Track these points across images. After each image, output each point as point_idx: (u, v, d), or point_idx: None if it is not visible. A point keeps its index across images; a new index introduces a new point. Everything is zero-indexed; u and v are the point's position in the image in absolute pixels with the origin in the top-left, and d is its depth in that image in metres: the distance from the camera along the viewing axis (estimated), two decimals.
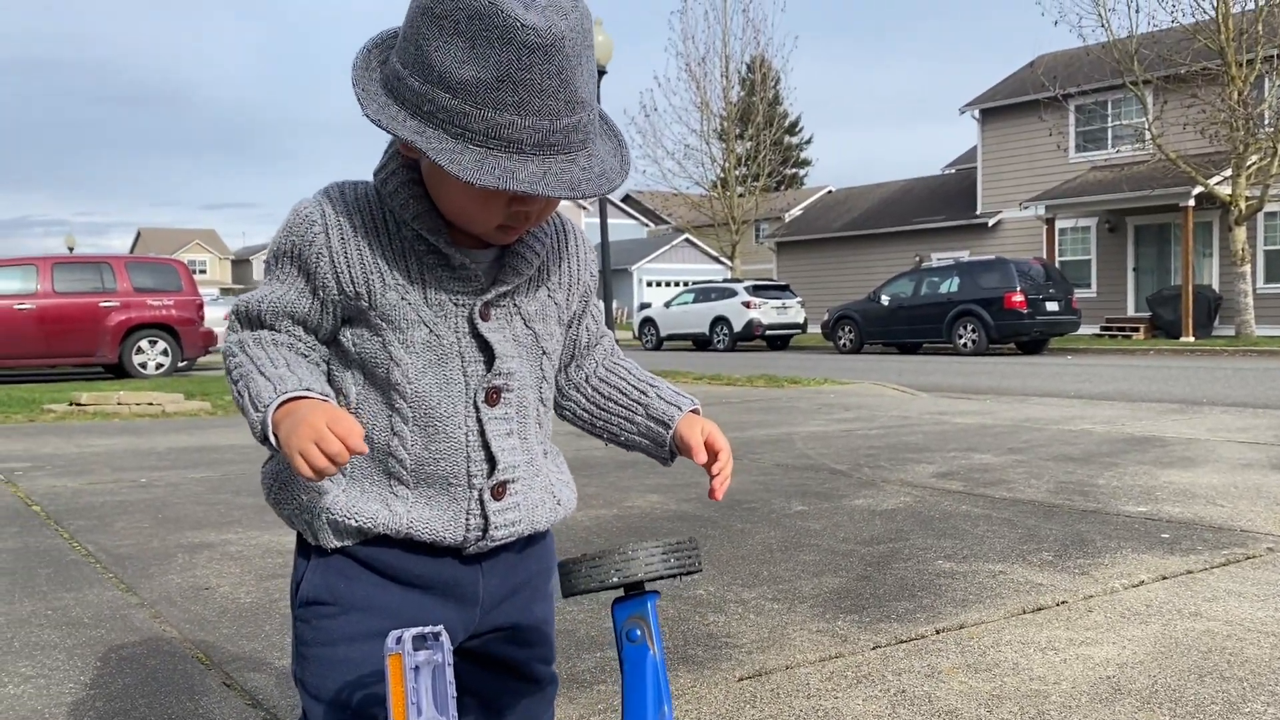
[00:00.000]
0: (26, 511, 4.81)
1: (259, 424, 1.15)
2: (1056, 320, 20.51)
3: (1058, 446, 6.64)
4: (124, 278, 15.63)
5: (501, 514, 1.28)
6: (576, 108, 1.14)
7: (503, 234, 1.24)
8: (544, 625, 1.39)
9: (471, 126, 1.11)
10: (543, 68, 1.10)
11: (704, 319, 26.17)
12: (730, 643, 2.80)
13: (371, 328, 1.24)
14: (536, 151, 1.13)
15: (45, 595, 3.36)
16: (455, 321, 1.25)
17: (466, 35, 1.09)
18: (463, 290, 1.25)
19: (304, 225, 1.23)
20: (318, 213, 1.23)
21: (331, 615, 1.26)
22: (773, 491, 5.11)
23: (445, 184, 1.19)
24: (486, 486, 1.27)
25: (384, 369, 1.24)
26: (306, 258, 1.23)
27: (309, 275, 1.23)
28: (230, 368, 1.24)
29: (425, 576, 1.28)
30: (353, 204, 1.24)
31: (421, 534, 1.25)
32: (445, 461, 1.26)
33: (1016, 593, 3.24)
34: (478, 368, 1.26)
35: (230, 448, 7.17)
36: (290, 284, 1.24)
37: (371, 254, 1.23)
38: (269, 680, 2.56)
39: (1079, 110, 27.05)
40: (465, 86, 1.11)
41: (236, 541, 4.12)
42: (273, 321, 1.25)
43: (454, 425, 1.25)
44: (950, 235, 30.48)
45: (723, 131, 33.41)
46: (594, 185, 1.16)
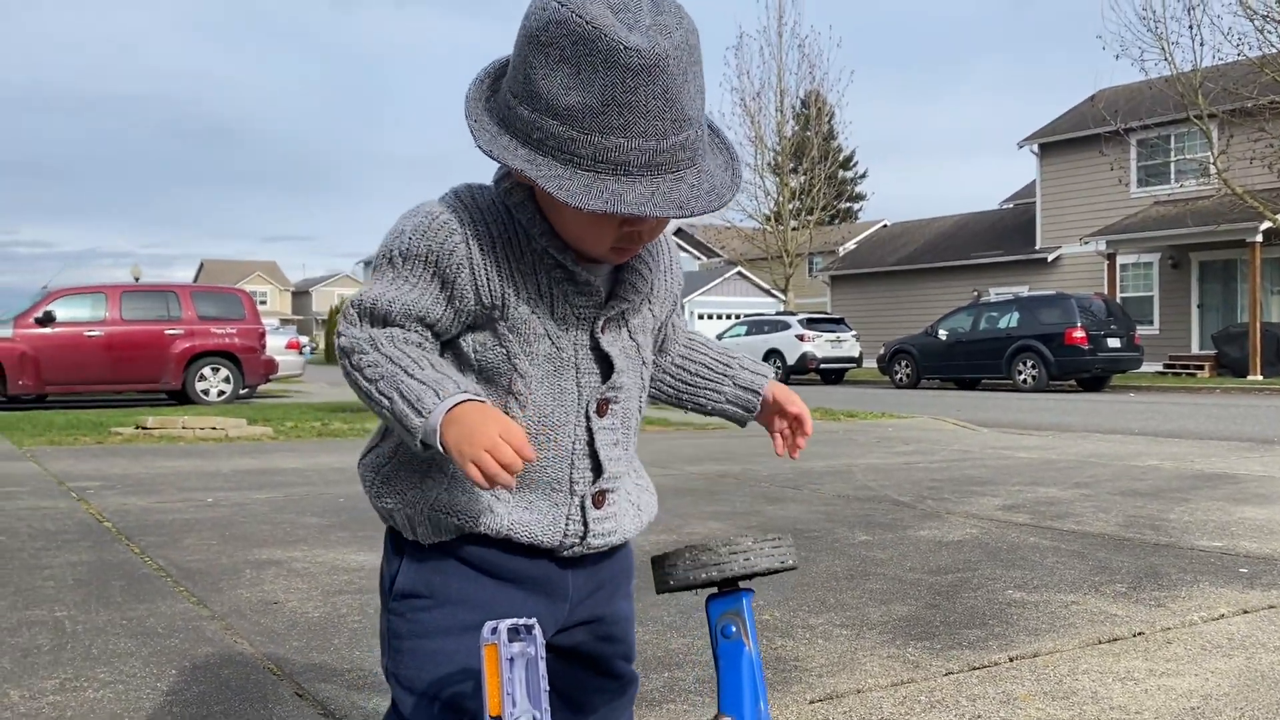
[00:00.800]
0: (99, 528, 4.90)
1: (422, 429, 1.13)
2: (1118, 357, 20.15)
3: (1125, 481, 6.50)
4: (189, 306, 15.98)
5: (600, 522, 1.31)
6: (683, 125, 1.14)
7: (617, 255, 1.25)
8: (626, 622, 1.40)
9: (579, 152, 1.12)
10: (647, 89, 1.10)
11: (757, 352, 26.02)
12: (800, 666, 2.76)
13: (497, 337, 1.24)
14: (644, 172, 1.12)
15: (120, 606, 3.42)
16: (575, 335, 1.27)
17: (572, 61, 1.10)
18: (585, 305, 1.27)
19: (442, 232, 1.21)
20: (456, 221, 1.22)
21: (426, 608, 1.27)
22: (835, 521, 5.06)
23: (559, 208, 1.20)
24: (589, 494, 1.29)
25: (505, 378, 1.24)
26: (445, 266, 1.21)
27: (445, 283, 1.22)
28: (361, 365, 1.19)
29: (519, 573, 1.29)
30: (488, 214, 1.23)
31: (520, 537, 1.26)
32: (551, 469, 1.27)
33: (1091, 623, 3.17)
34: (592, 379, 1.28)
35: (293, 470, 7.27)
36: (423, 289, 1.22)
37: (509, 267, 1.22)
38: (340, 691, 2.58)
39: (1141, 144, 26.71)
40: (571, 113, 1.11)
41: (302, 559, 4.17)
42: (402, 322, 1.22)
43: (564, 434, 1.27)
44: (1008, 270, 30.15)
45: (777, 166, 33.43)
46: (703, 202, 1.15)
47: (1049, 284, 27.96)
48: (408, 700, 1.27)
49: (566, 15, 1.09)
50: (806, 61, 35.74)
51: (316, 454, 8.43)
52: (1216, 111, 22.75)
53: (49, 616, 3.27)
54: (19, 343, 14.72)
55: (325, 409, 13.80)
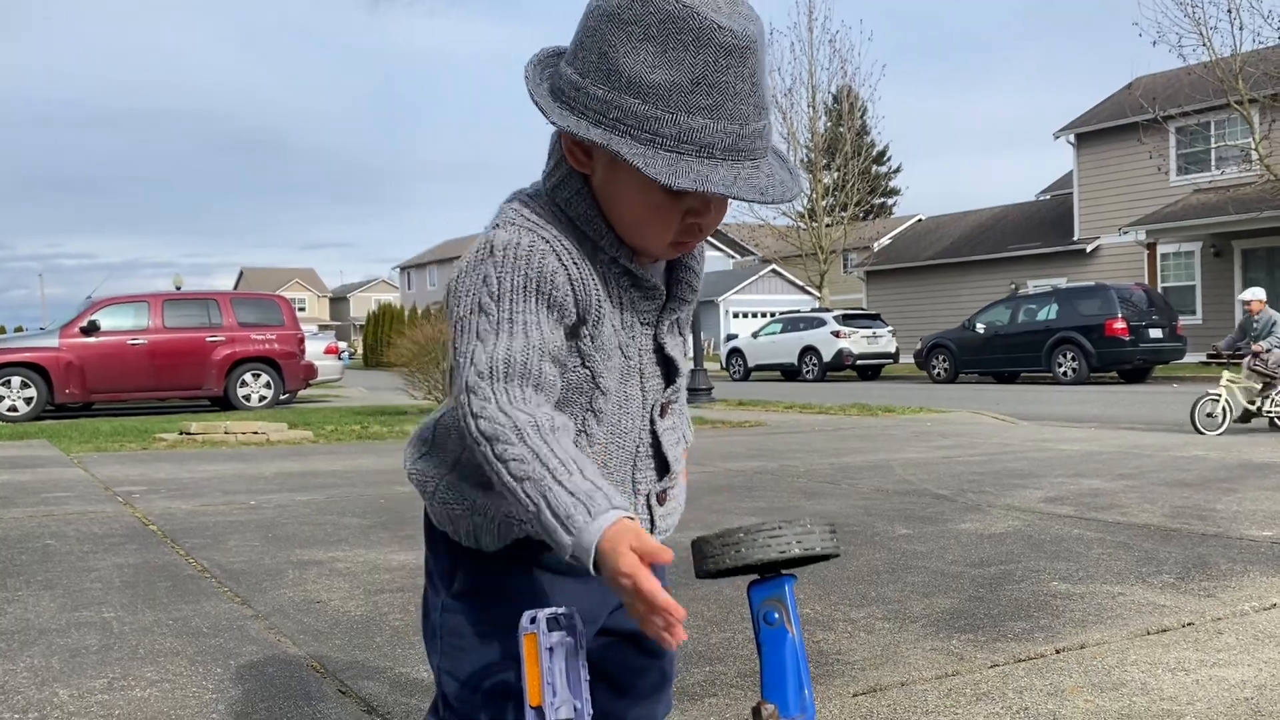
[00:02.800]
0: (144, 530, 4.97)
1: (571, 547, 1.06)
2: (1160, 348, 19.83)
3: (1170, 472, 6.40)
4: (229, 313, 16.17)
5: (664, 518, 1.31)
6: (763, 113, 1.13)
7: (674, 249, 1.21)
8: None
9: (663, 131, 1.08)
10: (738, 70, 1.08)
11: (792, 349, 25.94)
12: (842, 659, 2.74)
13: (582, 356, 1.19)
14: (726, 156, 1.10)
15: (165, 606, 3.46)
16: (641, 341, 1.24)
17: (658, 40, 1.07)
18: (649, 310, 1.24)
19: (534, 255, 1.14)
20: (541, 241, 1.15)
21: (485, 606, 1.26)
22: (874, 515, 5.02)
23: (622, 197, 1.16)
24: (654, 491, 1.29)
25: (587, 397, 1.21)
26: (549, 290, 1.14)
27: (553, 307, 1.15)
28: (505, 457, 1.09)
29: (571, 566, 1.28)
30: (555, 224, 1.18)
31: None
32: (618, 474, 1.26)
33: (1139, 613, 3.12)
34: (656, 383, 1.27)
35: (333, 473, 7.33)
36: (539, 321, 1.14)
37: (594, 281, 1.18)
38: (382, 688, 2.59)
39: (1180, 132, 26.27)
40: (657, 90, 1.08)
41: (344, 559, 4.20)
42: (539, 367, 1.14)
43: (630, 439, 1.26)
44: (1046, 262, 29.78)
45: (810, 162, 33.26)
46: (779, 191, 1.13)
47: (1088, 275, 27.58)
48: (463, 694, 1.25)
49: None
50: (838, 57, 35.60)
51: (357, 456, 8.49)
52: (1258, 96, 22.31)
53: (97, 617, 3.32)
54: (65, 352, 14.96)
55: (365, 412, 13.91)
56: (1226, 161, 25.26)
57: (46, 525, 5.12)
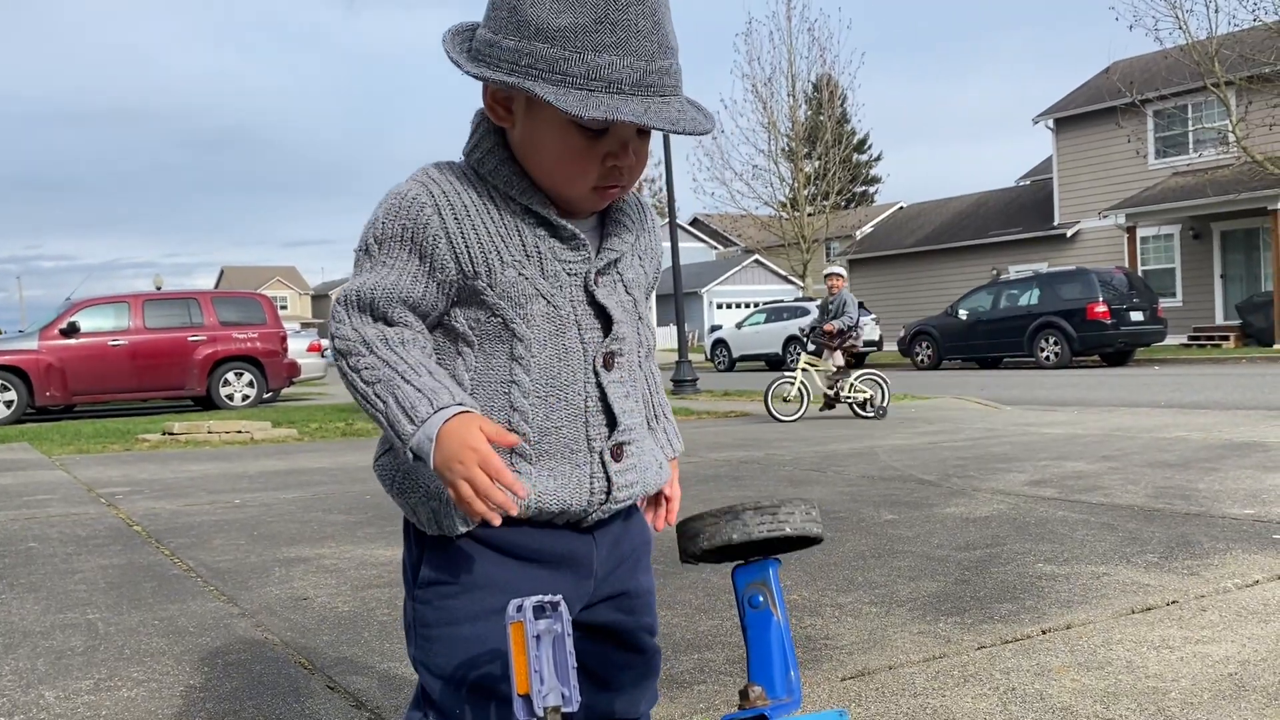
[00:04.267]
0: (128, 531, 4.94)
1: (413, 441, 1.15)
2: (1142, 330, 19.97)
3: (1152, 453, 6.45)
4: (210, 312, 16.08)
5: (622, 474, 1.30)
6: (668, 52, 1.19)
7: (597, 197, 1.26)
8: (648, 595, 1.40)
9: (572, 70, 1.15)
10: (638, 8, 1.15)
11: (777, 339, 26.00)
12: (830, 644, 2.75)
13: (488, 307, 1.24)
14: (635, 91, 1.16)
15: (151, 606, 3.44)
16: (571, 291, 1.27)
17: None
18: (574, 259, 1.27)
19: (413, 208, 1.22)
20: (425, 194, 1.22)
21: (454, 594, 1.26)
22: (860, 501, 5.04)
23: (540, 145, 1.22)
24: (606, 448, 1.29)
25: (505, 345, 1.24)
26: (421, 241, 1.22)
27: (424, 258, 1.22)
28: (359, 367, 1.21)
29: (544, 550, 1.28)
30: (457, 183, 1.24)
31: (550, 505, 1.25)
32: (566, 429, 1.26)
33: (1123, 593, 3.14)
34: (595, 334, 1.28)
35: (319, 470, 7.30)
36: (402, 269, 1.22)
37: (487, 232, 1.23)
38: (371, 683, 2.59)
39: (1157, 115, 26.41)
40: (563, 32, 1.14)
41: (330, 555, 4.19)
42: (386, 309, 1.22)
43: (574, 392, 1.27)
44: (1027, 247, 29.91)
45: (791, 151, 33.26)
46: (690, 123, 1.19)
47: (1069, 259, 27.72)
48: (438, 687, 1.26)
49: None
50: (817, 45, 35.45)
51: (341, 453, 8.47)
52: (1234, 79, 22.45)
53: (81, 619, 3.30)
54: (45, 354, 14.86)
55: (349, 410, 13.86)
56: (1204, 144, 25.42)
57: (29, 528, 5.09)
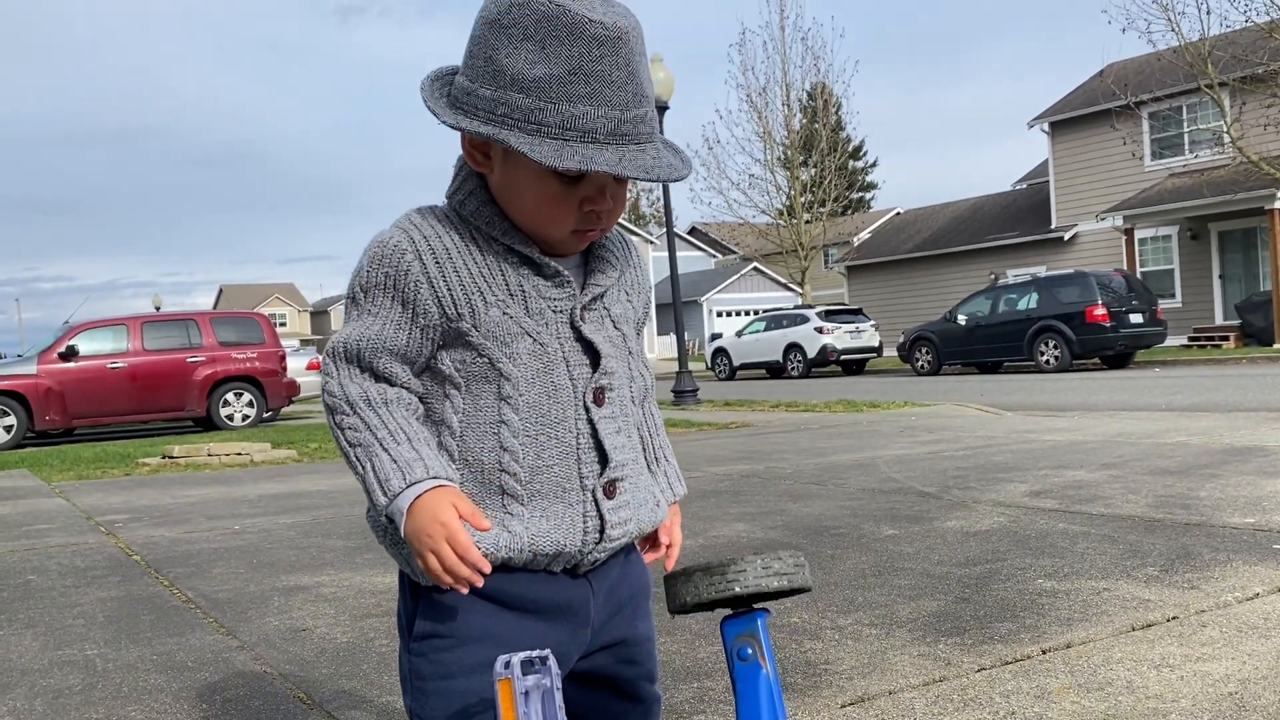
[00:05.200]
0: (127, 561, 4.93)
1: (386, 511, 1.20)
2: (1141, 332, 19.98)
3: (1154, 460, 6.43)
4: (209, 333, 16.10)
5: (615, 512, 1.29)
6: (643, 101, 1.20)
7: (576, 240, 1.27)
8: (648, 643, 1.39)
9: (547, 120, 1.16)
10: (611, 59, 1.16)
11: (777, 347, 26.03)
12: (830, 669, 2.74)
13: (474, 348, 1.25)
14: (610, 140, 1.17)
15: (149, 641, 3.43)
16: (556, 328, 1.27)
17: (536, 38, 1.16)
18: (559, 296, 1.28)
19: (394, 255, 1.23)
20: (405, 241, 1.24)
21: (449, 648, 1.25)
22: (861, 516, 5.03)
23: (518, 191, 1.23)
24: (599, 486, 1.28)
25: (493, 385, 1.24)
26: (403, 287, 1.23)
27: (406, 304, 1.24)
28: (343, 426, 1.24)
29: (539, 600, 1.27)
30: (438, 227, 1.25)
31: (545, 547, 1.25)
32: (558, 467, 1.26)
33: (1124, 609, 3.13)
34: (583, 370, 1.29)
35: (318, 493, 7.29)
36: (386, 317, 1.24)
37: (469, 274, 1.24)
38: (370, 717, 2.58)
39: (1153, 117, 26.46)
40: (538, 84, 1.16)
41: (330, 583, 4.18)
42: (373, 359, 1.25)
43: (565, 429, 1.27)
44: (1025, 251, 29.95)
45: (787, 159, 33.34)
46: (665, 171, 1.20)
47: (1067, 263, 27.75)
48: None
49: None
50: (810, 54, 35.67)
51: (340, 475, 8.45)
52: (1227, 80, 22.50)
53: (80, 655, 3.29)
54: (44, 378, 14.87)
55: None
56: (1200, 145, 25.48)
57: (28, 560, 5.08)
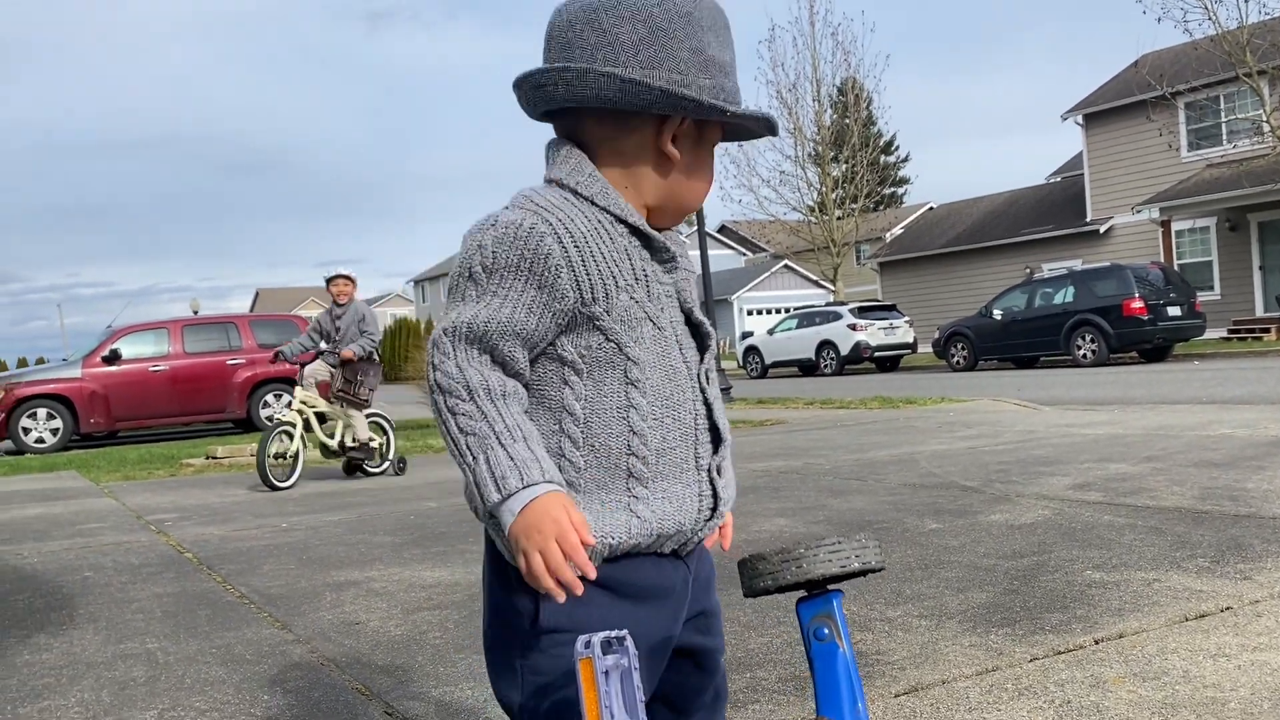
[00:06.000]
0: (180, 559, 5.02)
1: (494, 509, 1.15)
2: (1180, 325, 19.72)
3: (1197, 452, 6.37)
4: (248, 335, 16.29)
5: (725, 489, 1.32)
6: None
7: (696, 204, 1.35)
8: (719, 615, 1.41)
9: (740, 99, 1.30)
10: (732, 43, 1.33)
11: (809, 344, 25.92)
12: (882, 660, 2.76)
13: (603, 333, 1.24)
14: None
15: (208, 634, 3.50)
16: (670, 312, 1.30)
17: (714, 29, 1.28)
18: (668, 280, 1.30)
19: (532, 238, 1.20)
20: (541, 223, 1.21)
21: (570, 641, 1.21)
22: (904, 511, 5.02)
23: (703, 169, 1.32)
24: (713, 465, 1.31)
25: (619, 370, 1.24)
26: (541, 271, 1.20)
27: (543, 288, 1.20)
28: (456, 411, 1.19)
29: (650, 586, 1.27)
30: (569, 209, 1.24)
31: (668, 528, 1.25)
32: (680, 448, 1.27)
33: (1175, 600, 3.12)
34: (693, 352, 1.31)
35: (360, 490, 7.38)
36: (518, 301, 1.20)
37: (604, 258, 1.23)
38: (428, 708, 2.62)
39: (1189, 107, 26.10)
40: (726, 66, 1.29)
41: (379, 578, 4.24)
42: (498, 341, 1.20)
43: (685, 411, 1.28)
44: (1060, 245, 29.66)
45: (817, 155, 33.20)
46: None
47: (1103, 256, 27.45)
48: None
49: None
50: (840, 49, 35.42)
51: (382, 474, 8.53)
52: (1266, 68, 22.16)
53: (141, 649, 3.37)
54: (88, 382, 15.11)
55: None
56: (1238, 135, 25.08)
57: (84, 557, 5.18)
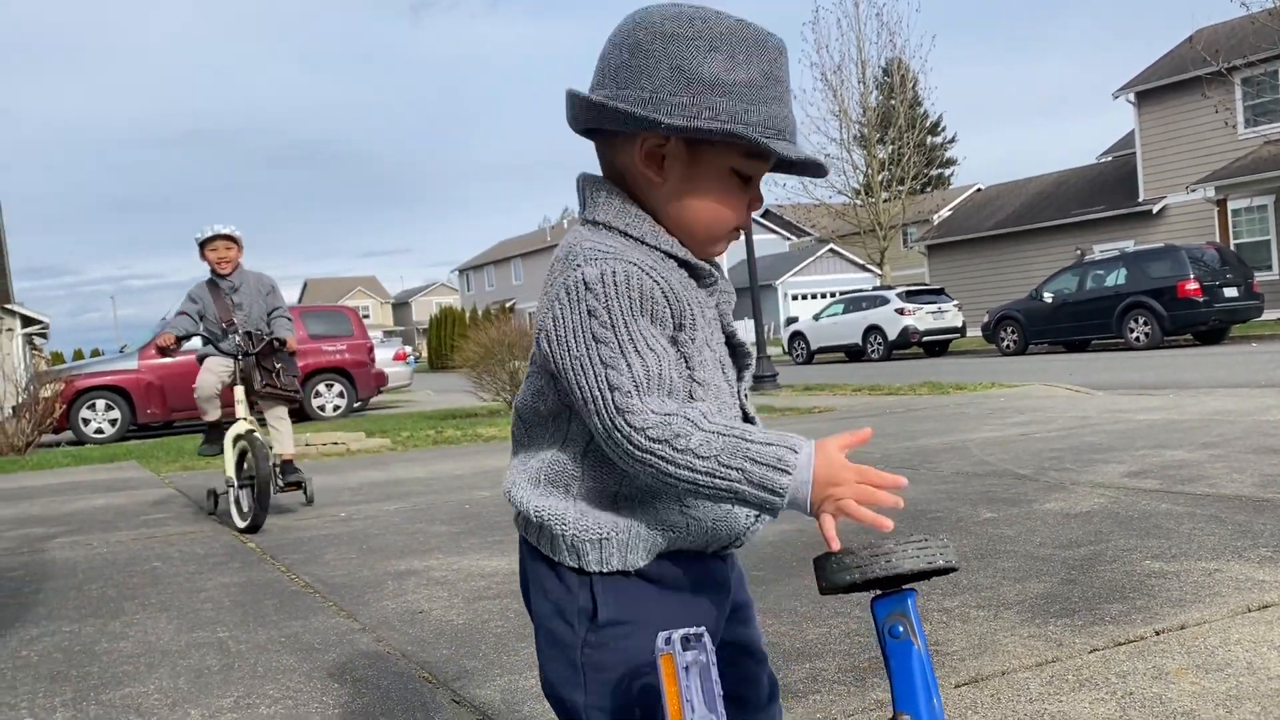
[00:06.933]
0: (244, 549, 5.15)
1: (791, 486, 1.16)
2: (1236, 306, 19.33)
3: (1256, 439, 6.28)
4: (300, 326, 16.49)
5: None
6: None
7: (732, 237, 1.34)
8: (754, 605, 1.47)
9: (751, 120, 1.23)
10: (786, 68, 1.28)
11: (856, 329, 25.75)
12: (940, 650, 2.77)
13: (685, 359, 1.27)
14: (789, 137, 1.28)
15: (276, 624, 3.60)
16: (718, 335, 1.35)
17: (723, 49, 1.23)
18: (710, 302, 1.34)
19: (632, 279, 1.21)
20: (625, 266, 1.22)
21: (629, 635, 1.26)
22: (957, 500, 5.01)
23: (699, 195, 1.28)
24: None
25: (686, 391, 1.28)
26: (650, 308, 1.22)
27: (656, 320, 1.23)
28: (690, 446, 1.16)
29: (699, 582, 1.32)
30: (635, 252, 1.25)
31: (723, 533, 1.30)
32: None
33: (1238, 590, 3.10)
34: (732, 371, 1.36)
35: (416, 480, 7.49)
36: (648, 336, 1.22)
37: (678, 287, 1.26)
38: (494, 695, 2.69)
39: (1246, 83, 25.51)
40: (739, 87, 1.23)
41: (439, 567, 4.32)
42: (670, 379, 1.22)
43: None
44: (1111, 225, 29.18)
45: (863, 138, 32.92)
46: (823, 167, 1.33)
47: (1156, 236, 26.97)
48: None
49: (704, 14, 1.25)
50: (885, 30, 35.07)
51: (435, 462, 8.65)
52: None
53: (213, 637, 3.47)
54: (145, 373, 15.45)
55: (436, 417, 14.13)
56: None
57: (151, 547, 5.33)
